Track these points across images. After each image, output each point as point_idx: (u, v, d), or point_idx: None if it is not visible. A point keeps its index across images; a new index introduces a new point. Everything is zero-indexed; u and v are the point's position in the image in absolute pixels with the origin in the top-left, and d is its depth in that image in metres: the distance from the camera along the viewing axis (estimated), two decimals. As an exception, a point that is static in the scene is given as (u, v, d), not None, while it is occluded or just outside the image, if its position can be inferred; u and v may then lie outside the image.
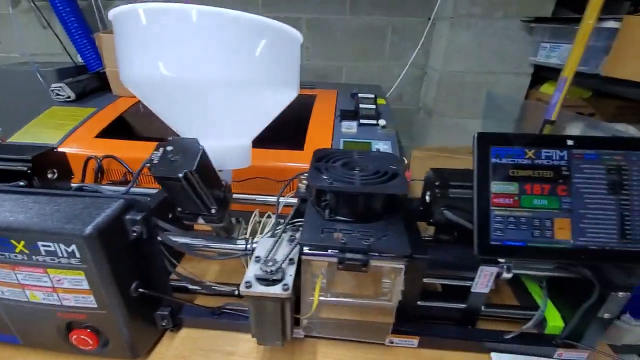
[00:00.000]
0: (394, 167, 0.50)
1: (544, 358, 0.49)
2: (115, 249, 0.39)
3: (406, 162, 0.51)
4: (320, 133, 0.87)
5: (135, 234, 0.40)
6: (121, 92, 1.04)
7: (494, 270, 0.45)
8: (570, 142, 0.42)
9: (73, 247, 0.36)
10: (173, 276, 0.51)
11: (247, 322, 0.50)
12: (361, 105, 0.91)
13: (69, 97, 1.00)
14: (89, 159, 0.75)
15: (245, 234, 0.53)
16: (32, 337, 0.46)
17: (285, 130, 0.95)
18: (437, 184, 0.48)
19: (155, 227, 0.43)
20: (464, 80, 1.30)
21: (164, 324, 0.48)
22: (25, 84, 1.23)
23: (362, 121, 0.90)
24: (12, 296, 0.42)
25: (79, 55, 1.41)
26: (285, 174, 0.68)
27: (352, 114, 0.93)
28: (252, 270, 0.41)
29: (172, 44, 0.37)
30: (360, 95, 0.91)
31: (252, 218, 0.54)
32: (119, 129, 0.90)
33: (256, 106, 0.44)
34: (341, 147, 0.84)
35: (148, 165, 0.37)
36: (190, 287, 0.55)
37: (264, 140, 0.84)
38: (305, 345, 0.50)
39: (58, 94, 1.00)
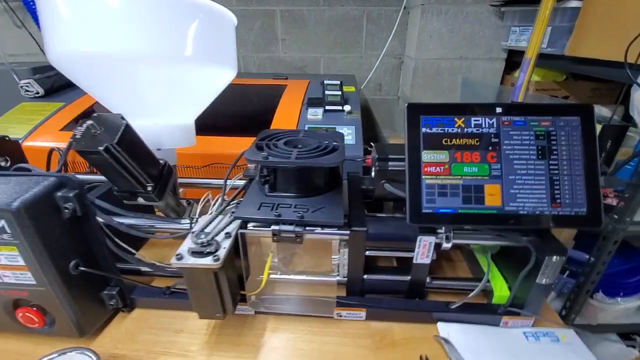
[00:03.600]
0: (335, 143, 0.50)
1: (492, 327, 0.50)
2: (47, 225, 0.39)
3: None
4: (285, 120, 0.88)
5: (67, 210, 0.40)
6: (92, 87, 1.05)
7: (431, 240, 0.46)
8: (499, 110, 0.43)
9: (2, 222, 0.37)
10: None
11: (196, 300, 0.51)
12: (327, 92, 0.91)
13: (37, 92, 1.00)
14: (52, 150, 0.75)
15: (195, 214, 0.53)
16: (-21, 319, 0.47)
17: (251, 119, 0.95)
18: (377, 157, 0.49)
19: (92, 206, 0.43)
20: (439, 67, 1.30)
21: (112, 303, 0.49)
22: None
23: (327, 107, 0.90)
24: (-48, 277, 0.42)
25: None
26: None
27: (319, 102, 0.93)
28: (187, 244, 0.41)
29: (94, 17, 0.37)
30: (326, 82, 0.91)
31: (202, 199, 0.55)
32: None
33: (190, 86, 0.45)
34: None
35: (71, 139, 0.37)
36: (144, 269, 0.56)
37: (229, 129, 0.86)
38: (255, 321, 0.51)
39: (27, 90, 1.00)
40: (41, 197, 0.39)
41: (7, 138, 0.58)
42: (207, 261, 0.39)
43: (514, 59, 1.28)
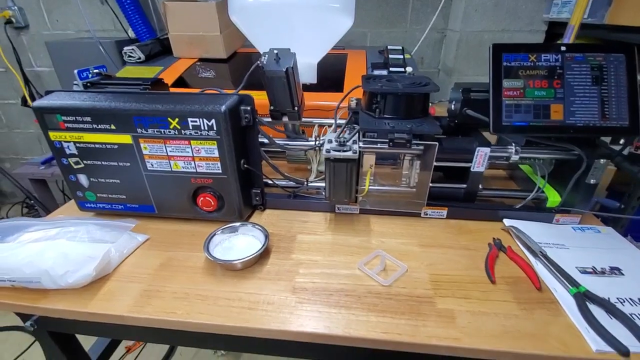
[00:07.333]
0: (426, 80, 0.65)
1: (546, 223, 0.64)
2: (235, 128, 0.56)
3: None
4: (356, 79, 1.02)
5: (247, 120, 0.57)
6: (181, 54, 1.21)
7: (486, 150, 0.60)
8: (563, 48, 0.56)
9: (212, 121, 0.53)
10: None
11: (315, 201, 0.68)
12: (391, 56, 1.05)
13: (139, 58, 1.17)
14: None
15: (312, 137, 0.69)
16: (165, 204, 0.64)
17: (328, 80, 1.10)
18: (461, 90, 0.63)
19: (257, 120, 0.59)
20: (482, 39, 1.41)
21: (257, 199, 0.66)
22: (86, 53, 1.45)
23: (391, 69, 1.04)
24: (159, 167, 0.59)
25: (130, 29, 1.59)
26: (330, 108, 0.85)
27: (382, 65, 1.07)
28: (328, 145, 0.57)
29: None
30: (389, 47, 1.05)
31: (314, 128, 0.71)
32: (184, 81, 1.08)
33: (325, 30, 0.60)
34: (375, 89, 0.99)
35: (260, 64, 0.53)
36: (268, 182, 0.72)
37: (313, 87, 1.01)
38: (360, 217, 0.67)
39: (130, 56, 1.18)
40: (233, 107, 0.55)
41: (162, 80, 0.75)
42: (349, 154, 0.54)
43: (553, 31, 1.38)
